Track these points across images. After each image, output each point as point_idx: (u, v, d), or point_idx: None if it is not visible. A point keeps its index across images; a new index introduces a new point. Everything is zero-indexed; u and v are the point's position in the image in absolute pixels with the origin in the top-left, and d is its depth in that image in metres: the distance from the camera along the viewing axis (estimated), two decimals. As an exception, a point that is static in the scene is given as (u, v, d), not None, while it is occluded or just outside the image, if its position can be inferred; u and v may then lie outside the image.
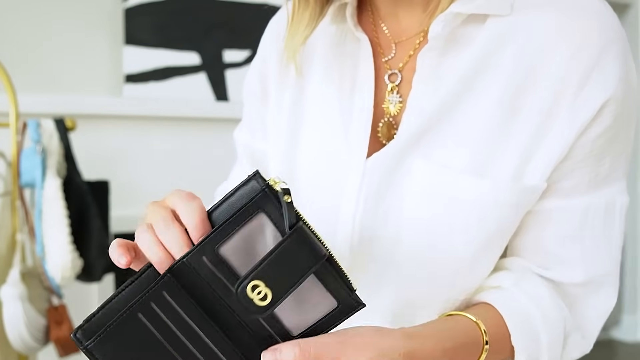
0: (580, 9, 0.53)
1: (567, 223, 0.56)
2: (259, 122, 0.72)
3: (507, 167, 0.54)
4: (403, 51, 0.61)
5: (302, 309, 0.44)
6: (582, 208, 0.56)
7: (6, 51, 1.80)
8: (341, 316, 0.45)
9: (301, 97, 0.65)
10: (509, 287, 0.57)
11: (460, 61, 0.55)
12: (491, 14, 0.55)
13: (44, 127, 1.40)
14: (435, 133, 0.55)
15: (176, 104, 1.97)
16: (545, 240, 0.57)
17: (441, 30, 0.55)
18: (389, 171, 0.57)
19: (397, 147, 0.56)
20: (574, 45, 0.52)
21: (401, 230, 0.56)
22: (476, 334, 0.53)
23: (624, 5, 3.07)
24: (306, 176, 0.63)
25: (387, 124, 0.60)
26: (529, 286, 0.57)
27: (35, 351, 1.37)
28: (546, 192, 0.55)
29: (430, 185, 0.55)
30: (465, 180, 0.54)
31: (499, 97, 0.54)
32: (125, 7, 1.94)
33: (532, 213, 0.57)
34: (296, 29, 0.61)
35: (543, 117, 0.53)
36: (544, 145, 0.53)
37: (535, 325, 0.54)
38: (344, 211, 0.59)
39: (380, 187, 0.57)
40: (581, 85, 0.52)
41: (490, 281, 0.58)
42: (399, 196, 0.56)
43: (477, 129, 0.54)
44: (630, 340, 3.11)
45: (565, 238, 0.57)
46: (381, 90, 0.61)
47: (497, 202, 0.54)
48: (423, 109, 0.56)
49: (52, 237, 1.33)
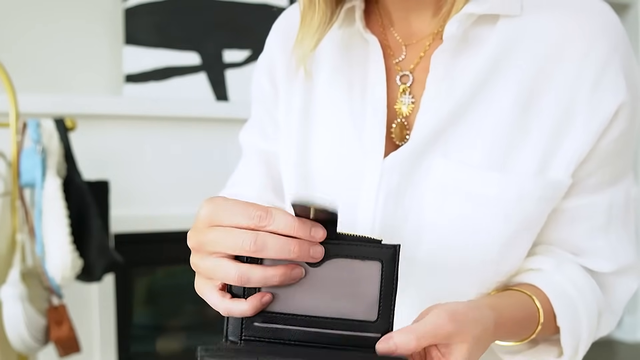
0: (586, 11, 0.55)
1: (594, 218, 0.58)
2: (271, 122, 0.71)
3: (529, 162, 0.55)
4: (413, 53, 0.62)
5: (357, 294, 0.45)
6: (607, 202, 0.58)
7: (6, 51, 1.80)
8: (392, 269, 0.45)
9: (310, 100, 0.65)
10: (550, 270, 0.58)
11: (474, 62, 0.56)
12: (502, 15, 0.56)
13: (44, 127, 1.40)
14: (452, 132, 0.56)
15: (176, 104, 1.97)
16: (574, 236, 0.59)
17: (455, 30, 0.55)
18: (408, 171, 0.57)
19: (414, 146, 0.57)
20: (584, 46, 0.54)
21: (422, 230, 0.57)
22: (532, 309, 0.55)
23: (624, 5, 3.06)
24: (320, 179, 0.64)
25: (399, 125, 0.60)
26: (567, 269, 0.59)
27: (35, 351, 1.37)
28: (572, 190, 0.57)
29: (452, 182, 0.56)
30: (486, 176, 0.55)
31: (514, 96, 0.55)
32: (125, 7, 1.94)
33: (560, 211, 0.58)
34: (305, 33, 0.61)
35: (561, 115, 0.55)
36: (565, 142, 0.55)
37: (577, 307, 0.57)
38: (363, 213, 0.59)
39: (399, 187, 0.58)
40: (595, 84, 0.54)
41: (529, 264, 0.60)
42: (418, 195, 0.57)
43: (494, 127, 0.55)
44: (630, 340, 3.11)
45: (593, 232, 0.59)
46: (393, 92, 0.61)
47: (521, 197, 0.54)
48: (437, 108, 0.57)
49: (52, 237, 1.33)
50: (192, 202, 2.00)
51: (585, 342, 0.57)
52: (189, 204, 2.00)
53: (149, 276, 2.12)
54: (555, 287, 0.57)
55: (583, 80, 0.54)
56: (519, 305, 0.54)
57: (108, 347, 1.93)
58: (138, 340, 2.06)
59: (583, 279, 0.58)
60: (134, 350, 2.03)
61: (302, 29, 0.61)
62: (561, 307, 0.56)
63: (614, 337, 3.15)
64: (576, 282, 0.58)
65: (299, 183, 0.65)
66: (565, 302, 0.56)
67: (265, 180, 0.72)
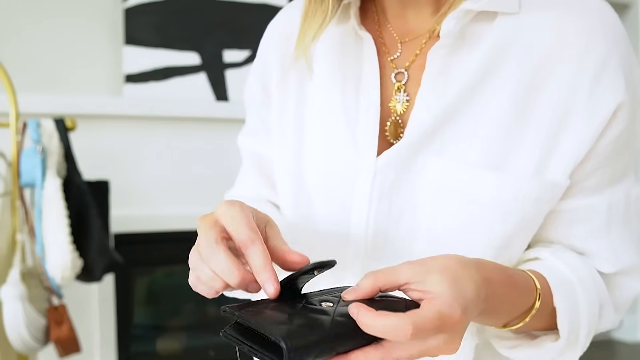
0: (585, 9, 0.54)
1: (593, 220, 0.58)
2: (262, 127, 0.71)
3: (527, 162, 0.54)
4: (409, 50, 0.61)
5: None
6: (606, 204, 0.57)
7: (6, 51, 1.80)
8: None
9: (304, 99, 0.65)
10: (547, 257, 0.57)
11: (471, 59, 0.56)
12: (500, 13, 0.55)
13: (44, 127, 1.40)
14: (448, 130, 0.56)
15: (176, 104, 1.97)
16: (573, 237, 0.59)
17: (453, 27, 0.55)
18: (403, 169, 0.57)
19: (409, 144, 0.56)
20: (583, 44, 0.53)
21: (416, 229, 0.56)
22: (530, 284, 0.53)
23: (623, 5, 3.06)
24: (315, 179, 0.63)
25: (394, 123, 0.60)
26: (566, 256, 0.58)
27: (35, 351, 1.37)
28: (570, 191, 0.56)
29: (447, 181, 0.55)
30: (483, 176, 0.54)
31: (511, 94, 0.54)
32: (125, 7, 1.94)
33: (557, 213, 0.58)
34: (309, 27, 0.60)
35: (559, 115, 0.54)
36: (563, 142, 0.54)
37: (575, 290, 0.55)
38: (356, 212, 0.59)
39: (393, 186, 0.57)
40: (594, 83, 0.53)
41: (527, 255, 0.59)
42: (413, 194, 0.57)
43: (491, 125, 0.55)
44: (630, 340, 3.11)
45: (593, 234, 0.58)
46: (387, 89, 0.61)
47: (518, 197, 0.54)
48: (433, 106, 0.56)
49: (52, 237, 1.33)
50: (192, 202, 2.00)
51: (585, 330, 0.55)
52: (189, 204, 2.00)
53: (149, 276, 2.12)
54: (552, 270, 0.56)
55: (582, 79, 0.53)
56: (516, 275, 0.52)
57: (108, 347, 1.93)
58: (138, 340, 2.06)
59: (583, 267, 0.57)
60: (134, 350, 2.03)
61: (305, 22, 0.61)
62: (558, 287, 0.54)
63: (614, 337, 3.15)
64: (573, 266, 0.56)
65: (293, 184, 0.64)
66: (563, 283, 0.55)
67: (261, 180, 0.73)
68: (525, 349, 0.56)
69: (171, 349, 2.12)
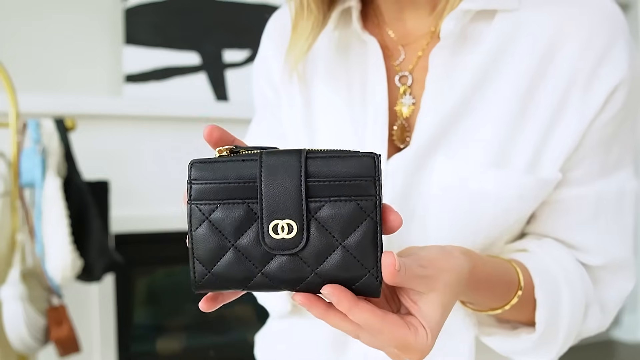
0: (586, 4, 0.54)
1: (580, 211, 0.57)
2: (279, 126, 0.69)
3: (524, 157, 0.54)
4: (411, 53, 0.61)
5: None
6: (594, 195, 0.57)
7: (6, 51, 1.80)
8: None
9: (309, 105, 0.65)
10: (534, 249, 0.58)
11: (473, 58, 0.56)
12: (499, 10, 0.55)
13: (44, 127, 1.40)
14: (454, 130, 0.56)
15: (176, 104, 1.97)
16: (559, 229, 0.58)
17: (453, 27, 0.55)
18: (412, 172, 0.57)
19: (418, 148, 0.56)
20: (583, 37, 0.53)
21: (428, 229, 0.57)
22: (512, 275, 0.53)
23: (624, 5, 3.07)
24: None
25: (401, 127, 0.60)
26: (551, 249, 0.58)
27: (35, 351, 1.37)
28: (561, 181, 0.56)
29: (456, 181, 0.55)
30: (489, 174, 0.54)
31: (514, 90, 0.55)
32: (125, 7, 1.94)
33: (545, 203, 0.58)
34: (298, 38, 0.60)
35: (555, 108, 0.54)
36: (555, 136, 0.54)
37: (558, 285, 0.55)
38: None
39: (404, 189, 0.57)
40: (592, 76, 0.53)
41: (514, 245, 0.59)
42: (423, 195, 0.57)
43: (496, 123, 0.55)
44: (630, 340, 3.11)
45: (580, 226, 0.58)
46: (393, 93, 0.61)
47: (522, 195, 0.54)
48: (438, 108, 0.56)
49: (52, 237, 1.33)
50: (192, 202, 2.00)
51: (565, 328, 0.55)
52: (189, 204, 2.00)
53: (149, 276, 2.12)
54: (537, 262, 0.56)
55: (580, 71, 0.53)
56: (497, 263, 0.53)
57: (108, 347, 1.93)
58: (138, 340, 2.06)
59: (571, 263, 0.57)
60: (134, 350, 2.03)
61: (294, 34, 0.60)
62: (541, 280, 0.54)
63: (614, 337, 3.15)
64: (560, 260, 0.57)
65: None
66: (546, 277, 0.55)
67: None
68: (502, 337, 0.57)
69: (171, 349, 2.12)
